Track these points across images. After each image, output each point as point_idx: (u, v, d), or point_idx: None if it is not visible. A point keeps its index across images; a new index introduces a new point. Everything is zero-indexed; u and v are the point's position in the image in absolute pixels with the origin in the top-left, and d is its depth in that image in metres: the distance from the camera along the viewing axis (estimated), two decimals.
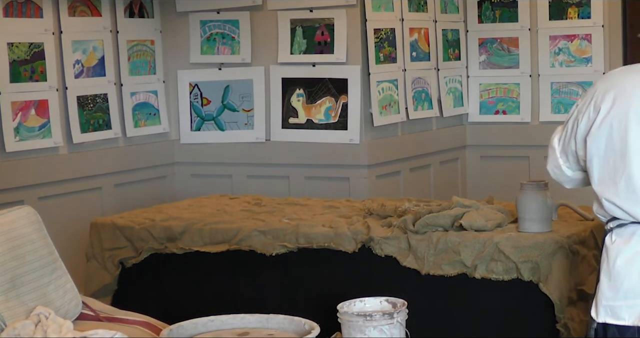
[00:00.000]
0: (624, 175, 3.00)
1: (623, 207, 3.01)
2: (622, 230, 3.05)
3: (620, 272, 3.01)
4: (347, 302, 3.53)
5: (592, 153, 3.07)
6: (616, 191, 3.02)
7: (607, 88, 3.06)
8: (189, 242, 4.33)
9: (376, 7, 5.79)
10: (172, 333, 3.19)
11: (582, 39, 6.32)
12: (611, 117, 3.01)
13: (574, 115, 3.16)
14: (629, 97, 3.01)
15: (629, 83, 3.04)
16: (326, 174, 5.79)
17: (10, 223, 3.38)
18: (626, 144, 3.00)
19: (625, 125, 2.99)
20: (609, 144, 3.03)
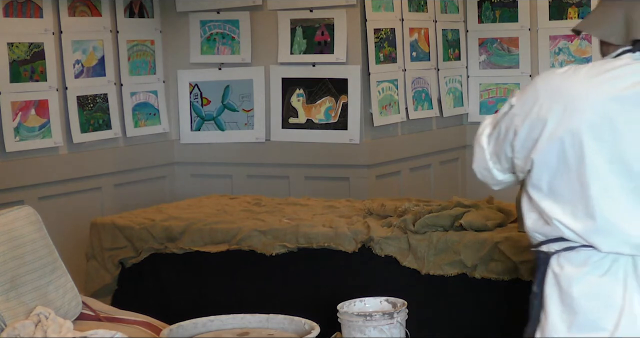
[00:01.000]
0: (582, 198, 2.67)
1: (579, 231, 2.68)
2: (572, 255, 2.72)
3: (575, 305, 2.69)
4: (347, 302, 3.53)
5: (540, 169, 2.72)
6: (572, 214, 2.70)
7: (553, 95, 2.69)
8: (189, 242, 4.33)
9: (376, 7, 5.79)
10: (172, 333, 3.19)
11: (582, 39, 6.32)
12: (562, 131, 2.65)
13: (509, 119, 2.77)
14: (581, 107, 2.65)
15: (578, 90, 2.67)
16: (326, 174, 5.78)
17: (10, 223, 3.38)
18: (583, 163, 2.65)
19: (579, 141, 2.64)
20: (562, 160, 2.68)
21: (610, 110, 2.64)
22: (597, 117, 2.64)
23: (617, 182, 2.66)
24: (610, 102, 2.65)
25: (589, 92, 2.65)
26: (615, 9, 2.75)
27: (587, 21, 2.84)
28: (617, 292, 2.68)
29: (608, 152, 2.65)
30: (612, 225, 2.67)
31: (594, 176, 2.65)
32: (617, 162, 2.65)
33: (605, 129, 2.64)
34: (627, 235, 2.66)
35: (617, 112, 2.65)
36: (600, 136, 2.64)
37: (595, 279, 2.70)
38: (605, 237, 2.68)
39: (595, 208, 2.65)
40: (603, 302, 2.68)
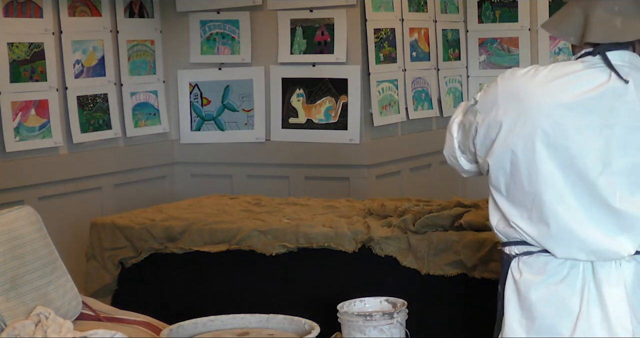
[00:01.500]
0: (534, 204, 2.66)
1: (534, 237, 2.69)
2: (531, 260, 2.73)
3: (533, 310, 2.70)
4: (347, 302, 3.53)
5: (497, 172, 2.72)
6: (528, 218, 2.69)
7: (510, 99, 2.68)
8: (189, 242, 4.33)
9: (376, 7, 5.79)
10: (172, 333, 3.19)
11: None
12: (515, 136, 2.65)
13: (472, 114, 2.77)
14: (535, 114, 2.63)
15: (533, 96, 2.65)
16: (326, 174, 5.78)
17: (10, 223, 3.38)
18: (535, 169, 2.64)
19: (532, 147, 2.63)
20: (515, 165, 2.67)
21: (562, 117, 2.63)
22: (549, 124, 2.63)
23: (571, 189, 2.65)
24: (563, 109, 2.64)
25: (543, 99, 2.64)
26: (576, 9, 2.72)
27: (552, 20, 2.82)
28: (573, 300, 2.68)
29: (561, 159, 2.64)
30: (566, 231, 2.66)
31: (548, 183, 2.64)
32: (569, 169, 2.64)
33: (558, 136, 2.63)
34: (581, 241, 2.66)
35: (569, 119, 2.63)
36: (553, 143, 2.64)
37: (553, 286, 2.70)
38: (560, 243, 2.68)
39: (549, 215, 2.65)
40: (560, 309, 2.69)
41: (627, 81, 2.63)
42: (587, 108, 2.64)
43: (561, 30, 2.75)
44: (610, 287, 2.67)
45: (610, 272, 2.68)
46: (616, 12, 2.65)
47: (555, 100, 2.64)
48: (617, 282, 2.67)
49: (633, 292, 2.68)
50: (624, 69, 2.65)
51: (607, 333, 2.66)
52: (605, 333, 2.66)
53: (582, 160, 2.64)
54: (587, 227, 2.66)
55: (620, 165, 2.63)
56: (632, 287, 2.68)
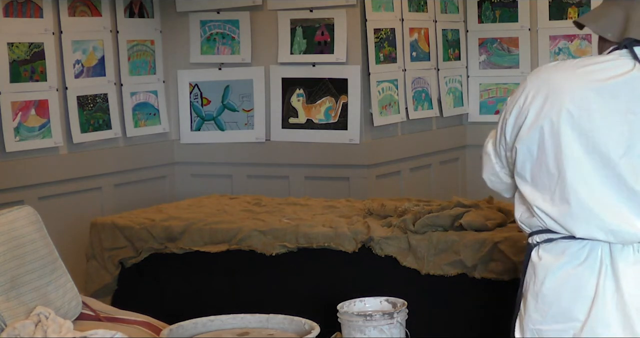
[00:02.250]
0: (558, 184, 2.75)
1: (555, 217, 2.77)
2: (551, 246, 2.81)
3: (549, 295, 2.77)
4: (347, 302, 3.53)
5: (524, 157, 2.82)
6: (550, 200, 2.78)
7: (538, 85, 2.80)
8: (189, 242, 4.33)
9: (376, 7, 5.79)
10: (172, 333, 3.19)
11: (582, 39, 6.33)
12: (542, 120, 2.76)
13: (502, 116, 2.89)
14: (561, 97, 2.75)
15: (561, 82, 2.77)
16: (326, 174, 5.78)
17: (10, 223, 3.38)
18: (560, 150, 2.74)
19: (557, 129, 2.74)
20: (541, 148, 2.77)
21: (588, 100, 2.74)
22: (575, 107, 2.74)
23: (593, 170, 2.74)
24: (590, 93, 2.74)
25: (570, 83, 2.75)
26: (617, 8, 2.85)
27: (589, 15, 2.95)
28: (590, 283, 2.74)
29: (585, 141, 2.74)
30: (586, 210, 2.74)
31: (571, 163, 2.73)
32: (592, 151, 2.73)
33: (584, 119, 2.73)
34: (600, 220, 2.73)
35: (595, 103, 2.74)
36: (578, 126, 2.74)
37: (571, 269, 2.77)
38: (580, 221, 2.75)
39: (570, 194, 2.73)
40: (576, 293, 2.75)
41: None
42: (613, 93, 2.73)
43: (600, 25, 2.87)
44: (627, 270, 2.72)
45: (628, 256, 2.73)
46: None
47: (582, 85, 2.75)
48: (635, 266, 2.72)
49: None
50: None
51: (622, 317, 2.71)
52: (619, 317, 2.71)
53: (604, 143, 2.72)
54: (607, 207, 2.73)
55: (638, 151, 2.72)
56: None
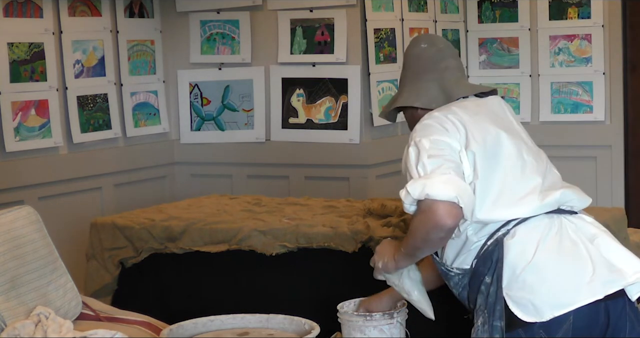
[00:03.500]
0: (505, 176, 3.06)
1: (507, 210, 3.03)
2: (522, 226, 3.03)
3: (550, 259, 2.96)
4: (347, 302, 3.53)
5: (481, 152, 3.08)
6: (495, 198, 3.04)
7: (451, 113, 3.15)
8: (189, 242, 4.32)
9: (376, 7, 5.79)
10: (172, 333, 3.19)
11: (582, 39, 6.32)
12: (472, 129, 3.09)
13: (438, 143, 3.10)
14: (471, 116, 3.13)
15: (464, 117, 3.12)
16: (326, 174, 5.78)
17: (10, 223, 3.38)
18: (500, 151, 3.07)
19: (495, 134, 3.11)
20: (489, 136, 3.09)
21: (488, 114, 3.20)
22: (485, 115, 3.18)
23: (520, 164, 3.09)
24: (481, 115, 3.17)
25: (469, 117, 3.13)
26: (429, 84, 3.29)
27: (408, 98, 3.33)
28: (573, 236, 3.00)
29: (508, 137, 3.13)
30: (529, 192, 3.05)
31: (506, 156, 3.08)
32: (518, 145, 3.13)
33: (496, 121, 3.17)
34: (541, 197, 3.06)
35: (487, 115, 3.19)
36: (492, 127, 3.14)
37: (554, 232, 3.00)
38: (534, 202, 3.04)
39: (512, 183, 3.04)
40: (570, 247, 2.98)
41: (495, 94, 3.34)
42: (489, 111, 3.22)
43: (424, 100, 3.28)
44: (593, 226, 3.08)
45: (583, 217, 3.11)
46: (460, 75, 3.32)
47: (473, 116, 3.14)
48: (592, 224, 3.10)
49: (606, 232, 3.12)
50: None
51: (615, 254, 2.99)
52: (614, 256, 2.99)
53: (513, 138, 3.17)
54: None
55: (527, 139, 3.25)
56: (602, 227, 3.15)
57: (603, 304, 2.91)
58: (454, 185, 2.92)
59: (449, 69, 3.31)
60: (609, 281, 2.92)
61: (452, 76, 3.30)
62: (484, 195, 3.01)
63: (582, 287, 2.91)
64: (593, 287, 2.90)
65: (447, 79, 3.29)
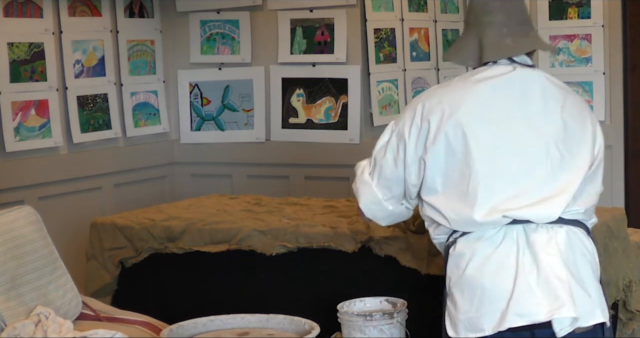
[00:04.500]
0: (470, 180, 2.90)
1: (461, 217, 2.92)
2: (466, 237, 2.94)
3: (472, 280, 2.88)
4: (347, 302, 3.53)
5: (432, 171, 2.96)
6: (464, 200, 2.91)
7: (431, 100, 2.97)
8: (189, 242, 4.32)
9: (376, 7, 5.79)
10: (172, 333, 3.19)
11: (582, 39, 6.32)
12: (444, 126, 2.92)
13: (396, 139, 3.04)
14: (459, 103, 2.93)
15: (454, 92, 2.97)
16: (326, 174, 5.78)
17: (10, 223, 3.38)
18: (468, 149, 2.90)
19: (461, 130, 2.90)
20: (450, 153, 2.93)
21: (485, 97, 2.94)
22: (475, 108, 2.92)
23: (502, 159, 2.90)
24: (484, 92, 2.95)
25: (464, 91, 2.95)
26: (470, 38, 3.06)
27: (451, 50, 3.16)
28: (510, 261, 2.86)
29: (494, 129, 2.92)
30: (493, 198, 2.88)
31: (480, 156, 2.88)
32: (502, 141, 2.92)
33: (485, 116, 2.92)
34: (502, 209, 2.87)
35: (492, 98, 2.94)
36: (481, 117, 2.92)
37: (491, 251, 2.89)
38: (484, 210, 2.88)
39: (480, 183, 2.87)
40: (497, 272, 2.86)
41: (532, 65, 3.04)
42: (505, 88, 2.96)
43: (459, 57, 3.11)
44: (542, 245, 2.87)
45: (542, 233, 2.90)
46: (505, 34, 3.01)
47: (475, 88, 2.96)
48: (549, 241, 2.88)
49: (566, 254, 2.89)
50: (522, 62, 3.05)
51: (544, 286, 2.82)
52: (541, 287, 2.82)
53: (506, 132, 2.93)
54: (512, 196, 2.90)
55: (541, 134, 2.95)
56: (565, 249, 2.89)
57: (529, 332, 2.83)
58: (364, 198, 3.20)
59: (492, 24, 3.02)
60: (519, 314, 2.81)
61: (494, 34, 3.01)
62: (433, 194, 3.00)
63: (493, 314, 2.83)
64: (503, 317, 2.82)
65: (488, 36, 3.02)
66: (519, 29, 3.04)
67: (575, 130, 2.96)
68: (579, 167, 2.93)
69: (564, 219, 2.92)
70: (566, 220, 2.93)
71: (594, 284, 2.91)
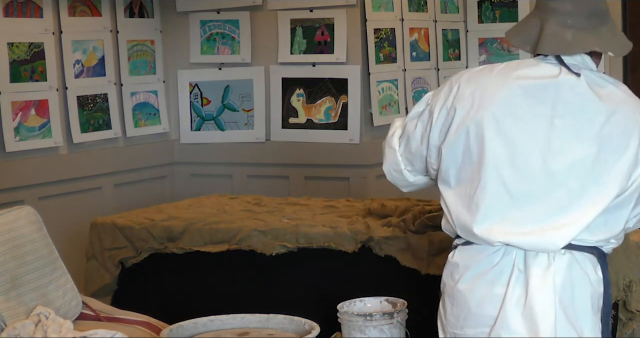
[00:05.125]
0: (477, 189, 2.70)
1: (465, 224, 2.74)
2: (468, 248, 2.78)
3: (461, 298, 2.77)
4: (347, 302, 3.53)
5: (447, 162, 2.78)
6: (468, 207, 2.74)
7: (466, 86, 2.75)
8: (189, 242, 4.33)
9: (376, 7, 5.79)
10: (172, 333, 3.19)
11: None
12: (469, 122, 2.71)
13: (426, 114, 2.83)
14: (488, 101, 2.70)
15: (488, 85, 2.73)
16: (326, 174, 5.78)
17: (10, 223, 3.38)
18: (483, 156, 2.69)
19: (482, 133, 2.69)
20: (466, 152, 2.74)
21: (514, 105, 2.70)
22: (500, 111, 2.70)
23: (511, 181, 2.69)
24: (516, 98, 2.70)
25: (497, 87, 2.71)
26: (534, 20, 2.80)
27: (512, 29, 2.89)
28: (499, 286, 2.71)
29: (510, 149, 2.69)
30: (495, 217, 2.70)
31: (492, 173, 2.69)
32: (514, 160, 2.69)
33: (508, 124, 2.69)
34: (507, 231, 2.70)
35: (521, 108, 2.70)
36: (503, 130, 2.69)
37: (484, 272, 2.74)
38: (483, 226, 2.71)
39: (484, 200, 2.69)
40: (485, 296, 2.72)
41: (578, 74, 2.70)
42: (538, 98, 2.70)
43: (519, 39, 2.83)
44: (537, 277, 2.69)
45: (542, 263, 2.70)
46: (569, 25, 2.71)
47: (508, 89, 2.72)
48: (546, 273, 2.69)
49: (563, 286, 2.69)
50: (575, 66, 2.73)
51: (527, 322, 2.68)
52: (524, 322, 2.69)
53: (527, 152, 2.69)
54: (509, 219, 2.70)
55: (564, 157, 2.68)
56: (562, 281, 2.69)
57: None
58: (388, 162, 3.03)
59: (556, 12, 2.72)
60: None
61: (556, 23, 2.71)
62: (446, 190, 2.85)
63: None
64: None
65: (550, 24, 2.72)
66: (585, 23, 2.72)
67: (609, 155, 2.66)
68: (600, 198, 2.66)
69: (572, 245, 2.70)
70: (574, 246, 2.71)
71: (590, 319, 2.71)
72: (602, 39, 2.72)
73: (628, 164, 2.67)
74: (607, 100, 2.69)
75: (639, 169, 2.69)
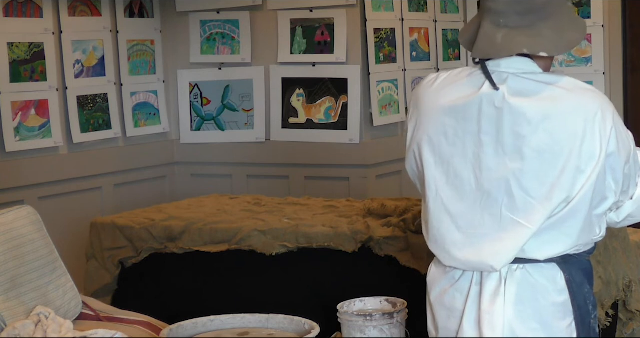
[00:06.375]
0: (427, 208, 2.69)
1: (426, 236, 2.74)
2: (437, 262, 2.78)
3: (434, 310, 2.78)
4: (347, 302, 3.53)
5: (416, 182, 2.84)
6: (426, 222, 2.73)
7: (414, 104, 2.75)
8: (189, 242, 4.33)
9: (376, 7, 5.79)
10: (172, 333, 3.19)
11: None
12: (413, 143, 2.72)
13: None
14: (425, 122, 2.66)
15: (426, 105, 2.68)
16: (326, 174, 5.78)
17: (10, 223, 3.38)
18: (424, 177, 2.69)
19: (421, 153, 2.68)
20: (419, 174, 2.77)
21: (444, 125, 2.65)
22: (434, 132, 2.67)
23: (450, 200, 2.66)
24: (444, 117, 2.65)
25: (431, 106, 2.68)
26: (476, 20, 2.66)
27: (461, 30, 2.80)
28: (459, 302, 2.69)
29: (445, 168, 2.66)
30: (441, 240, 2.68)
31: (431, 193, 2.67)
32: (454, 179, 2.65)
33: (442, 144, 2.65)
34: (447, 252, 2.69)
35: (450, 126, 2.64)
36: (438, 152, 2.66)
37: (447, 287, 2.72)
38: (434, 247, 2.71)
39: (431, 223, 2.68)
40: (448, 311, 2.73)
41: (497, 88, 2.56)
42: (464, 115, 2.63)
43: (464, 39, 2.71)
44: (490, 293, 2.65)
45: (494, 280, 2.65)
46: (502, 25, 2.54)
47: (439, 109, 2.67)
48: (497, 290, 2.63)
49: (516, 302, 2.63)
50: (503, 75, 2.59)
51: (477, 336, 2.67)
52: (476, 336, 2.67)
53: (461, 171, 2.64)
54: (456, 241, 2.67)
55: (494, 174, 2.58)
56: (514, 297, 2.63)
57: None
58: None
59: (491, 11, 2.55)
60: None
61: (491, 22, 2.55)
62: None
63: None
64: None
65: (485, 23, 2.56)
66: (519, 21, 2.54)
67: (549, 160, 2.52)
68: (534, 214, 2.53)
69: (526, 259, 2.61)
70: (528, 260, 2.61)
71: (556, 327, 2.63)
72: (537, 37, 2.53)
73: (567, 173, 2.52)
74: (536, 107, 2.53)
75: (583, 176, 2.54)
